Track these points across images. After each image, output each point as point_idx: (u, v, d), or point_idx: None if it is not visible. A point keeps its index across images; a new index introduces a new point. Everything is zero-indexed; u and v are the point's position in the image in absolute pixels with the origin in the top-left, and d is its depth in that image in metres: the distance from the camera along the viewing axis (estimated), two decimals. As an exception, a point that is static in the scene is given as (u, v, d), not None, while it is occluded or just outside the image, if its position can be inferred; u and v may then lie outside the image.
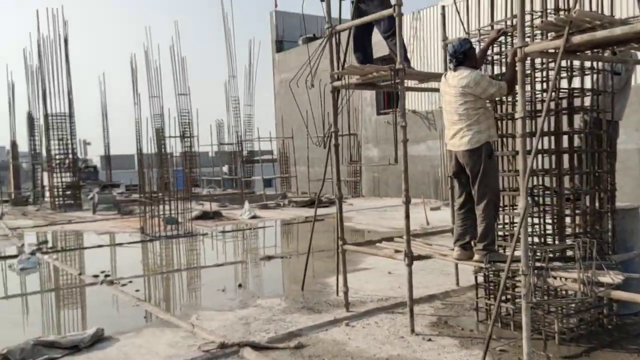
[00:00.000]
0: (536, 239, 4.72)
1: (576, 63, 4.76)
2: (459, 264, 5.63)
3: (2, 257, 10.09)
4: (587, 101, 4.82)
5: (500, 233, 4.93)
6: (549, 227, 4.77)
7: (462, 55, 4.54)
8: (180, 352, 4.67)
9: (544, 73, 4.80)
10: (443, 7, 6.14)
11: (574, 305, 4.63)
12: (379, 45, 5.80)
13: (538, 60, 4.74)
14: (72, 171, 19.27)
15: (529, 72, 4.62)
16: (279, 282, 7.41)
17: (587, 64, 4.72)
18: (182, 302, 6.57)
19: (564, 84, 4.83)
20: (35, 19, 18.93)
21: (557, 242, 4.67)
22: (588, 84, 4.85)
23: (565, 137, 4.73)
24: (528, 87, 4.63)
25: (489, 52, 4.89)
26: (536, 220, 4.79)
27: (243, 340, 4.73)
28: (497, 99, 4.83)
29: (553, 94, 4.47)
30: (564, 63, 4.60)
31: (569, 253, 4.51)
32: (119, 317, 6.11)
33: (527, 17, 4.46)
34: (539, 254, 4.13)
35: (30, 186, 24.64)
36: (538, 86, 4.84)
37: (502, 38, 4.89)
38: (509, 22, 4.77)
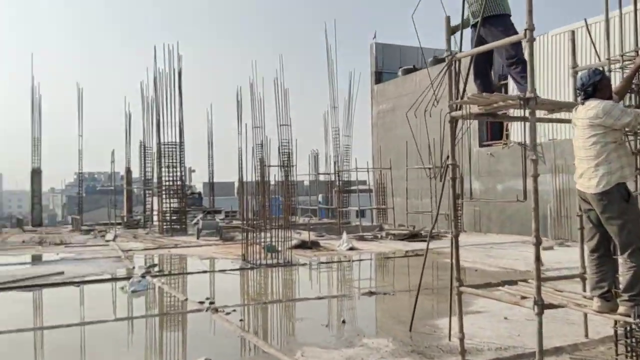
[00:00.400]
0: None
1: None
2: (588, 314, 5.03)
3: (114, 279, 10.58)
4: None
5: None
6: None
7: (592, 87, 4.12)
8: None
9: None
10: (573, 32, 5.68)
11: None
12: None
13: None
14: (179, 197, 20.16)
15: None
16: (384, 321, 7.07)
17: None
18: (286, 335, 6.42)
19: None
20: (153, 55, 20.28)
21: None
22: None
23: None
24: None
25: (635, 80, 4.39)
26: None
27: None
28: (634, 130, 4.30)
29: None
30: None
31: None
32: (225, 347, 6.05)
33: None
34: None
35: (141, 210, 26.12)
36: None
37: None
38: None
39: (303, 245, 14.74)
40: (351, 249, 14.54)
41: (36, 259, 14.02)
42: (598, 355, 5.29)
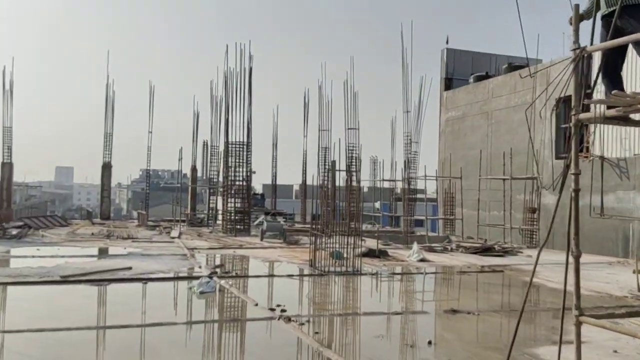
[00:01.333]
0: None
1: None
2: None
3: (181, 277, 10.35)
4: None
5: None
6: None
7: None
8: None
9: None
10: None
11: None
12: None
13: None
14: (243, 197, 20.01)
15: None
16: (474, 345, 6.37)
17: None
18: (368, 354, 5.85)
19: None
20: (224, 53, 20.26)
21: None
22: None
23: None
24: None
25: None
26: None
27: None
28: None
29: None
30: None
31: None
32: (301, 363, 5.57)
33: None
34: None
35: (204, 208, 26.27)
36: None
37: None
38: None
39: (371, 253, 14.14)
40: (422, 260, 13.82)
41: (105, 253, 14.10)
42: None
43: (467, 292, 10.41)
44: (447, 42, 31.09)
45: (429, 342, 6.21)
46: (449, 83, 28.22)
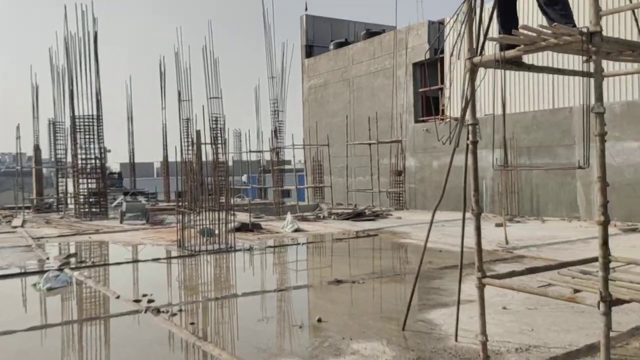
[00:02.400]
0: None
1: None
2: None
3: (23, 273, 8.81)
4: None
5: None
6: None
7: None
8: None
9: None
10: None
11: None
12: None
13: None
14: (97, 177, 18.08)
15: None
16: (367, 317, 5.93)
17: None
18: (254, 342, 5.15)
19: None
20: (63, 16, 17.86)
21: None
22: None
23: None
24: None
25: None
26: None
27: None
28: None
29: None
30: None
31: None
32: (177, 363, 4.74)
33: None
34: None
35: (53, 193, 23.57)
36: None
37: None
38: None
39: (243, 227, 13.41)
40: (297, 230, 13.39)
41: None
42: (638, 354, 4.46)
43: (348, 259, 10.12)
44: (305, 9, 30.71)
45: (319, 320, 5.67)
46: (309, 50, 27.92)
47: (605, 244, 3.32)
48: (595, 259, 5.01)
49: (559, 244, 10.50)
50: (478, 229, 4.26)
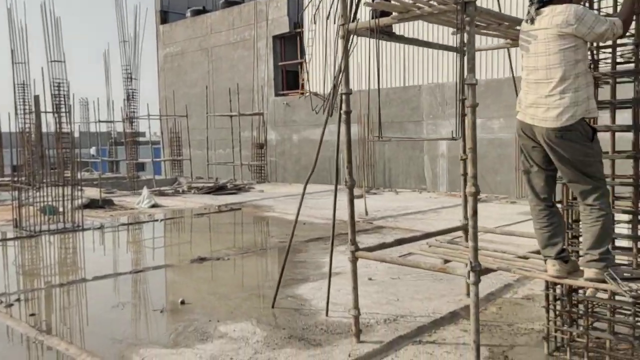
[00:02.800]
0: None
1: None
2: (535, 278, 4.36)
3: None
4: None
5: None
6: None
7: None
8: None
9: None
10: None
11: None
12: None
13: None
14: None
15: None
16: (234, 296, 5.62)
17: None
18: (108, 332, 4.62)
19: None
20: None
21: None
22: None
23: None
24: None
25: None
26: None
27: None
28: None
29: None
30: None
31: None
32: (13, 363, 4.08)
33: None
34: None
35: None
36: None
37: None
38: None
39: (93, 204, 12.32)
40: (154, 206, 12.59)
41: None
42: (496, 318, 4.71)
43: (210, 235, 9.69)
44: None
45: (182, 302, 5.27)
46: (164, 16, 26.41)
47: (475, 214, 3.36)
48: (455, 229, 5.21)
49: (413, 214, 11.04)
50: (351, 201, 4.15)
